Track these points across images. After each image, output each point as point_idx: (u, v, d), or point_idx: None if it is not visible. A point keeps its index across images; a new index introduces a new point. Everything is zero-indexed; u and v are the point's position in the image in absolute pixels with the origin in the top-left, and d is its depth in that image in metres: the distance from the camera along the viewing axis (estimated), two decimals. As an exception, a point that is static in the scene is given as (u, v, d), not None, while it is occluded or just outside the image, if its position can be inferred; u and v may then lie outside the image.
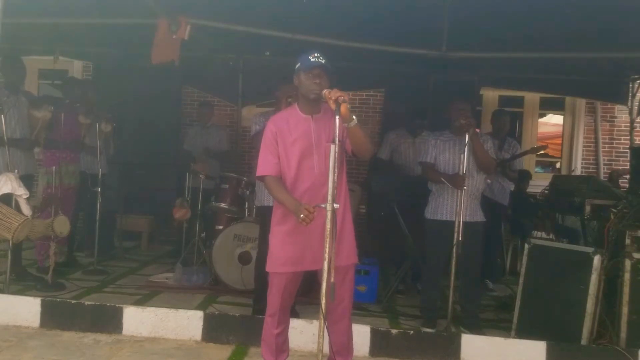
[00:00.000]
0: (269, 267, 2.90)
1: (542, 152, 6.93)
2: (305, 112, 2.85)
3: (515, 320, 3.87)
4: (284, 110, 3.09)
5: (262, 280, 4.10)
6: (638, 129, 6.70)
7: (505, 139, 5.35)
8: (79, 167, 5.24)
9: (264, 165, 2.86)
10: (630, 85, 6.29)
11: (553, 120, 8.42)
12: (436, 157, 4.12)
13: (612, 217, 3.75)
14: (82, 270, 5.17)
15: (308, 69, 2.74)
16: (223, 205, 5.09)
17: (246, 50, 5.86)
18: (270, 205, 3.95)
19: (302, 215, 2.59)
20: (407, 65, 5.74)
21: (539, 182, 6.58)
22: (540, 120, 8.05)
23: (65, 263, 5.24)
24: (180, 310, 3.78)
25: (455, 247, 3.84)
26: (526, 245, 3.98)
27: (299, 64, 2.80)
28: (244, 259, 4.63)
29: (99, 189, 5.06)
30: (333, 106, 2.54)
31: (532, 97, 7.60)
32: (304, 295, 4.03)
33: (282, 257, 2.84)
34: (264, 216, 4.10)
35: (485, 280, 5.24)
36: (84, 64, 7.63)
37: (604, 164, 7.30)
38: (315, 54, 2.76)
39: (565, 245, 4.06)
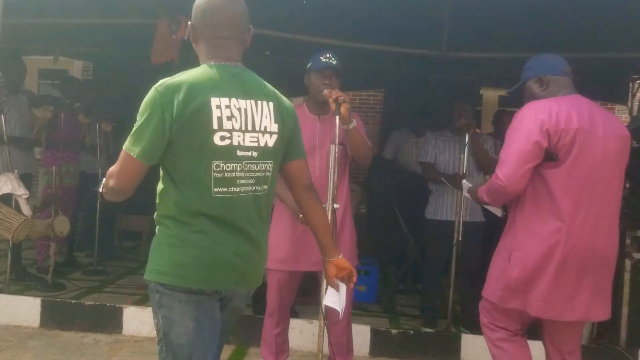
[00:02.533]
0: (267, 264, 2.91)
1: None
2: (313, 112, 2.86)
3: (515, 320, 3.87)
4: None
5: None
6: (638, 129, 6.70)
7: None
8: (79, 167, 5.24)
9: None
10: (630, 85, 6.28)
11: (553, 120, 8.41)
12: (436, 157, 4.12)
13: (612, 217, 3.75)
14: (82, 270, 5.18)
15: (319, 69, 2.74)
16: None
17: (246, 50, 5.86)
18: None
19: (301, 216, 2.59)
20: (407, 65, 5.73)
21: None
22: (541, 120, 8.04)
23: (65, 263, 5.24)
24: (180, 310, 3.78)
25: (455, 247, 3.84)
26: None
27: (310, 63, 2.80)
28: (244, 259, 4.63)
29: (99, 189, 5.05)
30: (333, 106, 2.54)
31: (532, 97, 7.59)
32: (305, 295, 4.04)
33: (279, 254, 2.84)
34: None
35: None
36: (84, 64, 7.63)
37: (604, 164, 7.28)
38: (327, 55, 2.76)
39: (565, 245, 4.06)
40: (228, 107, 1.70)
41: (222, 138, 1.69)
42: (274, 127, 1.81)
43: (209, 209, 1.71)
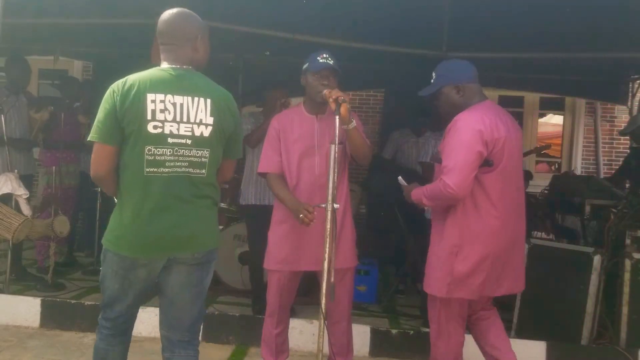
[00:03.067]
0: (266, 264, 2.91)
1: (544, 151, 6.92)
2: (311, 111, 2.85)
3: (515, 320, 3.87)
4: (290, 108, 3.09)
5: (257, 280, 4.13)
6: (638, 129, 6.69)
7: None
8: (79, 167, 5.24)
9: (266, 162, 2.86)
10: (630, 85, 6.28)
11: (553, 120, 8.42)
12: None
13: (612, 217, 3.75)
14: (82, 270, 5.17)
15: (316, 70, 2.73)
16: (223, 205, 5.09)
17: (246, 50, 5.86)
18: (256, 204, 3.99)
19: (301, 215, 2.59)
20: (407, 65, 5.74)
21: (539, 182, 6.58)
22: (540, 120, 8.04)
23: (65, 263, 5.24)
24: (180, 310, 3.78)
25: (455, 247, 3.83)
26: (526, 245, 3.97)
27: (307, 64, 2.79)
28: (244, 259, 4.63)
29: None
30: (333, 106, 2.54)
31: (532, 97, 7.59)
32: (305, 295, 4.04)
33: (278, 255, 2.84)
34: (250, 216, 4.11)
35: None
36: (84, 64, 7.62)
37: (604, 164, 7.29)
38: (324, 55, 2.75)
39: (565, 245, 4.06)
40: (162, 102, 2.08)
41: (155, 127, 2.07)
42: (209, 120, 2.15)
43: (142, 186, 2.09)
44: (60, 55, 5.75)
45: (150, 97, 2.06)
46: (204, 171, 2.17)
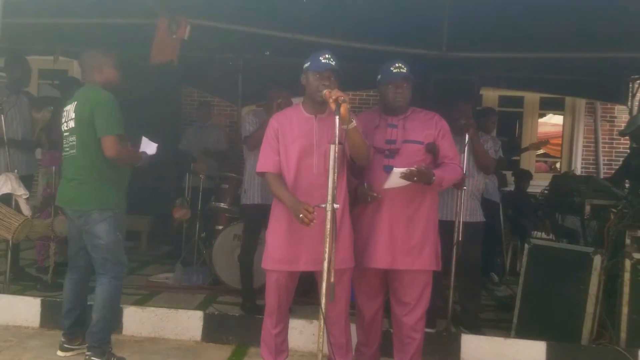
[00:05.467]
0: (264, 264, 2.89)
1: (541, 149, 6.94)
2: (310, 111, 2.84)
3: (515, 320, 3.87)
4: (289, 108, 3.07)
5: (247, 278, 4.14)
6: (638, 129, 6.68)
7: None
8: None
9: (264, 161, 2.85)
10: (630, 85, 6.29)
11: (553, 120, 8.42)
12: (436, 157, 4.13)
13: (612, 217, 3.75)
14: (82, 270, 5.18)
15: (318, 70, 2.73)
16: (223, 205, 5.09)
17: (246, 50, 5.85)
18: (261, 203, 3.97)
19: (300, 215, 2.58)
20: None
21: (539, 182, 6.59)
22: (540, 120, 8.05)
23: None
24: (180, 310, 3.79)
25: (455, 247, 3.84)
26: (526, 245, 3.98)
27: (308, 63, 2.78)
28: (244, 259, 4.62)
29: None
30: (333, 106, 2.53)
31: (532, 97, 7.59)
32: (303, 295, 4.03)
33: (277, 255, 2.83)
34: (251, 215, 4.13)
35: (491, 273, 5.23)
36: (84, 64, 7.61)
37: (604, 164, 7.30)
38: (327, 55, 2.74)
39: (565, 245, 4.07)
40: (67, 110, 3.25)
41: (63, 126, 3.25)
42: (73, 115, 3.18)
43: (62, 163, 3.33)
44: (60, 55, 5.75)
45: (65, 108, 3.26)
46: (74, 152, 3.17)
